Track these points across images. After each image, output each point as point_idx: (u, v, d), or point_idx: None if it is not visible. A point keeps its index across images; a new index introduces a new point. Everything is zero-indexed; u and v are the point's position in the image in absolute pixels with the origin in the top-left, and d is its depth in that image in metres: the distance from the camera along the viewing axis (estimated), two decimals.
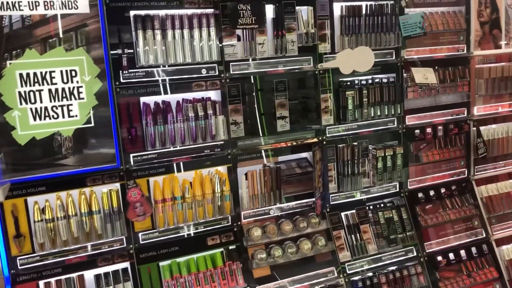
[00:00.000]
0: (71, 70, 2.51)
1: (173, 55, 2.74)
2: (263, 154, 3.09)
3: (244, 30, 2.91)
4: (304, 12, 3.07)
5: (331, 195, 3.31)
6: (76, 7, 2.47)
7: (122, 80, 2.67)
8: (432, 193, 3.62)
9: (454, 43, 3.57)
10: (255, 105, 3.05)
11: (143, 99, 2.76)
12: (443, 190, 3.66)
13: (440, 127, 3.60)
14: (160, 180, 2.82)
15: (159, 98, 2.81)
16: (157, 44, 2.70)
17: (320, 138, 3.22)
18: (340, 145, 3.30)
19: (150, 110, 2.76)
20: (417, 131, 3.54)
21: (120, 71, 2.65)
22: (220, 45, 2.87)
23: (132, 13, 2.67)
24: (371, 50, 3.07)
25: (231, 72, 2.93)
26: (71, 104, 2.53)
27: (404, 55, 3.40)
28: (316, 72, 3.16)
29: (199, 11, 2.81)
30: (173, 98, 2.83)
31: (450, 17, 3.55)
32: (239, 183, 3.04)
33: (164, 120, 2.78)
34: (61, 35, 2.46)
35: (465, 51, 3.61)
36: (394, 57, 3.38)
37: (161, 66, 2.75)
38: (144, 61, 2.69)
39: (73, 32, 2.48)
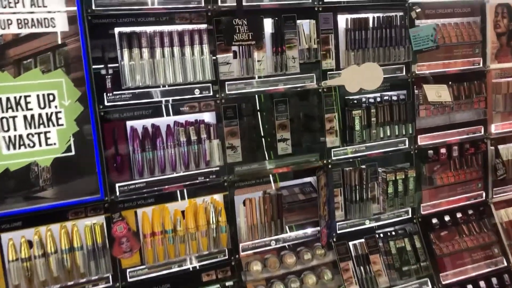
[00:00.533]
0: (48, 94, 2.28)
1: (163, 75, 2.51)
2: (263, 180, 2.84)
3: (241, 47, 2.68)
4: (306, 26, 2.84)
5: (337, 224, 3.05)
6: (53, 25, 2.25)
7: (106, 103, 2.44)
8: (447, 218, 3.35)
9: (469, 56, 3.31)
10: (254, 127, 2.80)
11: (130, 123, 2.53)
12: (459, 215, 3.38)
13: (455, 147, 3.33)
14: (149, 211, 2.57)
15: (147, 122, 2.57)
16: (145, 63, 2.47)
17: (325, 162, 2.96)
18: (347, 169, 3.04)
19: (138, 135, 2.53)
20: (430, 151, 3.28)
21: (104, 94, 2.43)
22: (214, 62, 2.63)
23: (117, 30, 2.44)
24: (379, 66, 2.82)
25: (227, 92, 2.70)
26: (49, 131, 2.30)
27: (415, 70, 3.15)
28: (320, 90, 2.92)
29: (190, 27, 2.58)
30: (163, 121, 2.59)
31: (465, 28, 3.30)
32: (237, 212, 2.78)
33: (153, 145, 2.54)
34: (37, 56, 2.24)
35: (481, 65, 3.35)
36: (404, 73, 3.13)
37: (150, 87, 2.51)
38: (131, 82, 2.46)
39: (50, 52, 2.26)
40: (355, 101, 3.03)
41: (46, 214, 2.36)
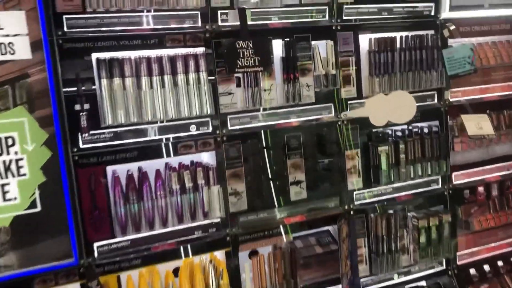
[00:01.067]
0: (6, 138, 1.84)
1: (151, 109, 2.07)
2: (273, 232, 2.37)
3: (245, 74, 2.23)
4: (322, 48, 2.40)
5: (361, 280, 2.57)
6: (12, 51, 1.81)
7: (81, 146, 1.99)
8: (487, 268, 2.87)
9: (509, 80, 2.85)
10: (261, 168, 2.35)
11: (111, 169, 2.08)
12: (500, 264, 2.91)
13: (494, 185, 2.88)
14: (135, 275, 2.10)
15: (133, 166, 2.12)
16: (129, 96, 2.03)
17: (346, 208, 2.49)
18: (372, 215, 2.57)
19: (120, 182, 2.08)
20: (466, 191, 2.82)
21: (79, 134, 1.97)
22: (214, 92, 2.19)
23: (94, 56, 2.00)
24: (411, 96, 2.37)
25: (229, 128, 2.25)
26: (8, 184, 1.85)
27: (448, 97, 2.70)
28: (339, 123, 2.46)
29: (185, 50, 2.14)
30: (151, 165, 2.14)
31: (503, 47, 2.85)
32: (242, 272, 2.31)
33: (139, 195, 2.09)
34: None
35: None
36: (436, 101, 2.68)
37: (135, 125, 2.06)
38: (112, 119, 2.01)
39: (8, 85, 1.82)
40: (380, 135, 2.58)
41: (5, 286, 1.89)
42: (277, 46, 2.33)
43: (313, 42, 2.37)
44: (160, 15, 2.09)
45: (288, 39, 2.32)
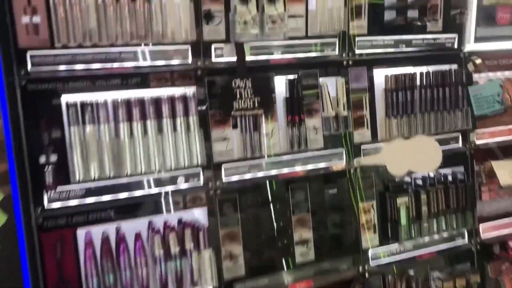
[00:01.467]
0: None
1: (130, 161, 1.75)
2: None
3: (243, 117, 1.92)
4: (331, 85, 2.09)
5: None
6: None
7: (46, 206, 1.66)
8: None
9: None
10: (261, 226, 2.02)
11: (82, 232, 1.74)
12: None
13: None
14: None
15: (109, 228, 1.78)
16: (104, 146, 1.71)
17: (360, 270, 2.15)
18: (390, 276, 2.22)
19: (94, 248, 1.74)
20: (496, 246, 2.48)
21: (43, 192, 1.65)
22: (206, 139, 1.88)
23: (64, 99, 1.69)
24: (435, 142, 2.05)
25: (224, 180, 1.92)
26: None
27: (474, 139, 2.37)
28: (352, 172, 2.14)
29: (172, 91, 1.83)
30: (130, 226, 1.80)
31: None
32: None
33: (116, 264, 1.75)
34: None
35: None
36: (460, 143, 2.35)
37: (112, 178, 1.74)
38: (83, 173, 1.69)
39: None
40: (398, 184, 2.26)
41: None
42: (280, 84, 2.02)
43: (321, 79, 2.07)
44: (143, 51, 1.78)
45: (292, 76, 2.02)
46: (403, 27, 2.19)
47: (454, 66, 2.32)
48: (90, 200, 1.73)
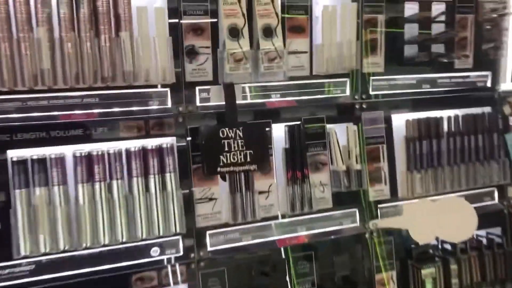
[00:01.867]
0: None
1: (91, 232, 1.41)
2: None
3: (233, 175, 1.59)
4: (341, 134, 1.75)
5: None
6: None
7: None
8: None
9: None
10: None
11: None
12: None
13: None
14: None
15: None
16: (58, 212, 1.38)
17: None
18: None
19: None
20: None
21: None
22: (187, 200, 1.54)
23: (10, 154, 1.38)
24: (468, 204, 1.68)
25: (209, 249, 1.58)
26: None
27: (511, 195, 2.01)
28: (366, 236, 1.77)
29: (145, 142, 1.50)
30: None
31: None
32: None
33: None
34: None
35: None
36: (497, 200, 1.98)
37: (66, 252, 1.41)
38: (29, 246, 1.37)
39: None
40: (423, 249, 1.88)
41: None
42: (279, 132, 1.69)
43: (328, 126, 1.74)
44: (112, 94, 1.47)
45: (293, 123, 1.68)
46: (427, 64, 1.86)
47: (487, 109, 1.98)
48: (39, 278, 1.39)
